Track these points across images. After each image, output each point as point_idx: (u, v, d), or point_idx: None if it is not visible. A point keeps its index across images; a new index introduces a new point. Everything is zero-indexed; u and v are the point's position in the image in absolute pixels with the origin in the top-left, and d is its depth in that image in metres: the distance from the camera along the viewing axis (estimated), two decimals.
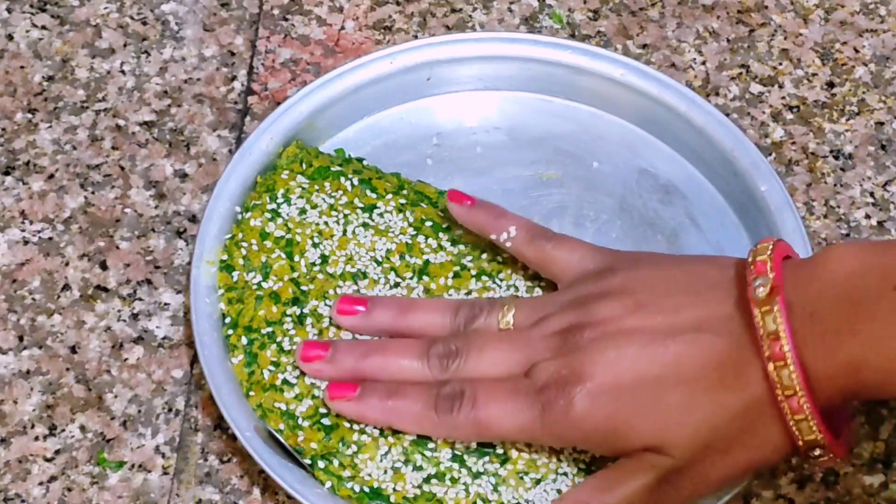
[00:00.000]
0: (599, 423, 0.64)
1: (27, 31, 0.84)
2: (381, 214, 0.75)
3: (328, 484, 0.68)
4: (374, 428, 0.69)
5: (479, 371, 0.68)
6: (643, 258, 0.71)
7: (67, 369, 0.73)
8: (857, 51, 0.86)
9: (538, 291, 0.74)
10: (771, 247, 0.64)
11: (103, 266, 0.77)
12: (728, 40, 0.86)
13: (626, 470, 0.65)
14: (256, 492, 0.70)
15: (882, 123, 0.83)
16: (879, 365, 0.61)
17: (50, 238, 0.77)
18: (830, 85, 0.84)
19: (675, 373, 0.64)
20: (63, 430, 0.72)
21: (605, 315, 0.66)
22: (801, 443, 0.63)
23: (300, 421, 0.69)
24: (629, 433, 0.64)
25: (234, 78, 0.83)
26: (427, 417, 0.68)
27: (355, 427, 0.69)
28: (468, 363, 0.68)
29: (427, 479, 0.68)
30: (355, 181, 0.76)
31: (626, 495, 0.64)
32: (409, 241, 0.75)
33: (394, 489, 0.68)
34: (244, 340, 0.71)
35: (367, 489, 0.68)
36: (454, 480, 0.68)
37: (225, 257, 0.74)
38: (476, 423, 0.67)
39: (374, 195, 0.76)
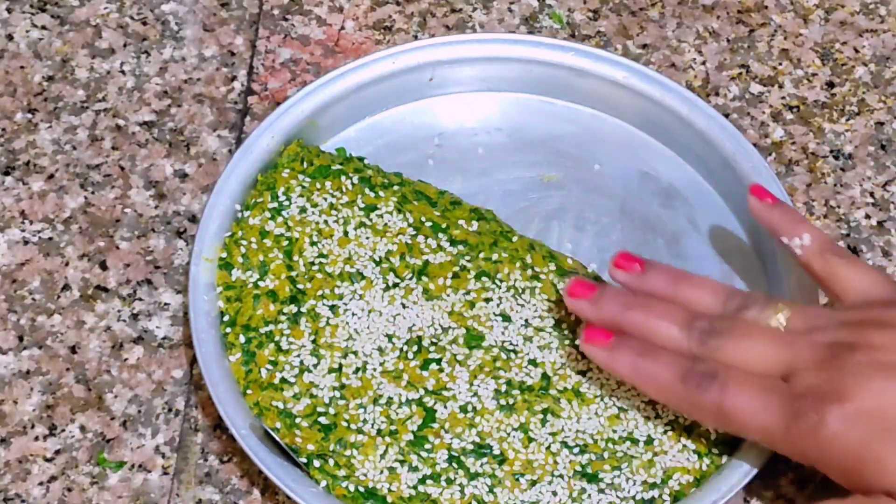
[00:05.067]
0: (848, 449, 0.61)
1: (27, 31, 0.84)
2: (380, 215, 0.75)
3: (323, 483, 0.68)
4: (372, 427, 0.69)
5: (736, 358, 0.65)
6: None
7: (67, 369, 0.73)
8: (857, 51, 0.86)
9: (539, 293, 0.73)
10: None
11: (103, 266, 0.77)
12: (728, 40, 0.86)
13: None
14: (256, 492, 0.70)
15: (882, 123, 0.83)
16: None
17: (50, 238, 0.77)
18: (830, 85, 0.84)
19: None
20: (63, 430, 0.72)
21: (881, 343, 0.63)
22: None
23: (297, 420, 0.69)
24: (876, 469, 0.61)
25: (234, 78, 0.83)
26: (673, 388, 0.66)
27: (352, 426, 0.69)
28: (728, 346, 0.65)
29: (422, 480, 0.68)
30: (355, 180, 0.76)
31: None
32: (409, 242, 0.75)
33: (389, 489, 0.68)
34: (242, 339, 0.71)
35: (362, 489, 0.68)
36: (450, 481, 0.68)
37: (224, 255, 0.74)
38: (720, 407, 0.64)
39: (372, 194, 0.76)
